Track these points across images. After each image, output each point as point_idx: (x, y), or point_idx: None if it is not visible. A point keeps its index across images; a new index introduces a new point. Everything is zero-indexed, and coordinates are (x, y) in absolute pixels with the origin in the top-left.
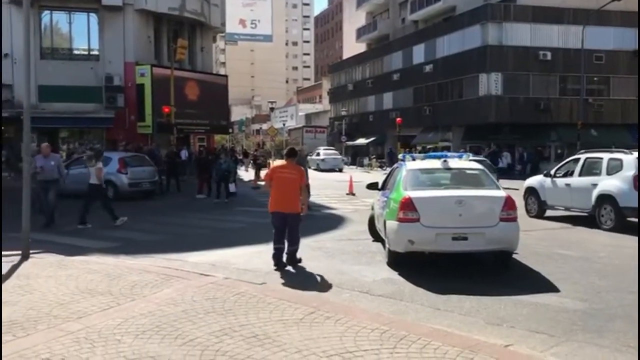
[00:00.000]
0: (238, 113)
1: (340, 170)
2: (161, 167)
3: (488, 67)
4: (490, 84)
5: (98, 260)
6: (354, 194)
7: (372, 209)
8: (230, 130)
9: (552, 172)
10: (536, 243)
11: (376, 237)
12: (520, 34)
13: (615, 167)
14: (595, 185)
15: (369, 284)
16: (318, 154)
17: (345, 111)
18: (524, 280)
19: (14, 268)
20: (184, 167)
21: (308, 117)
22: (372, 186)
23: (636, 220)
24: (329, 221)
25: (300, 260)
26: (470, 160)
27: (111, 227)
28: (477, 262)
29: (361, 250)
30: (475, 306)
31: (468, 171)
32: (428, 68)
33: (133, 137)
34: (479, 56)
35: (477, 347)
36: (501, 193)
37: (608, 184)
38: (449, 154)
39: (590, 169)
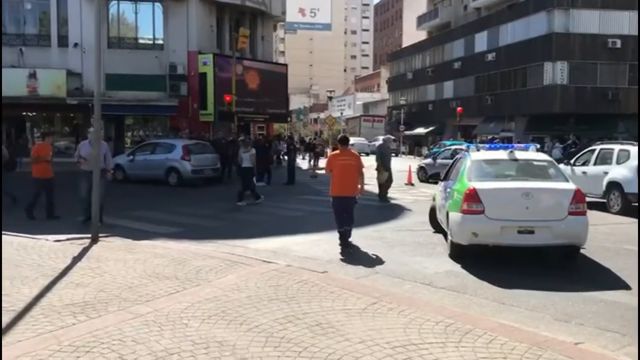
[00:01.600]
0: (296, 102)
1: (367, 154)
2: (226, 154)
3: (554, 55)
4: (556, 72)
5: (164, 245)
6: (412, 184)
7: (434, 199)
8: (289, 119)
9: (572, 161)
10: (604, 238)
11: (437, 228)
12: (588, 21)
13: (623, 157)
14: (606, 173)
15: (431, 276)
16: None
17: (404, 100)
18: (593, 276)
19: (85, 251)
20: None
21: (366, 106)
22: (434, 176)
23: None
24: (388, 211)
25: (352, 247)
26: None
27: (175, 213)
28: (543, 256)
29: (422, 241)
30: (542, 302)
31: (535, 162)
32: (490, 56)
33: (195, 125)
34: (544, 44)
35: (546, 344)
36: (570, 185)
37: (616, 172)
38: (515, 145)
39: (604, 158)
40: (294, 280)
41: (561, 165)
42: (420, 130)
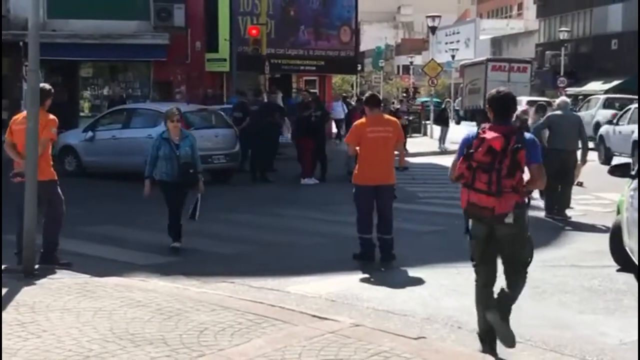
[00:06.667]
0: (373, 38)
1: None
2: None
3: None
4: None
5: (144, 286)
6: (581, 184)
7: (619, 211)
8: (359, 67)
9: (615, 119)
10: None
11: (625, 262)
12: None
13: None
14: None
15: (614, 350)
16: None
17: (567, 32)
18: None
19: (12, 293)
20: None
21: (496, 42)
22: (621, 170)
23: None
24: (535, 232)
25: (394, 257)
26: None
27: (163, 230)
28: None
29: (596, 286)
30: None
31: None
32: None
33: (198, 77)
34: None
35: None
36: None
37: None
38: None
39: (634, 117)
40: (366, 351)
41: (605, 126)
42: (595, 86)
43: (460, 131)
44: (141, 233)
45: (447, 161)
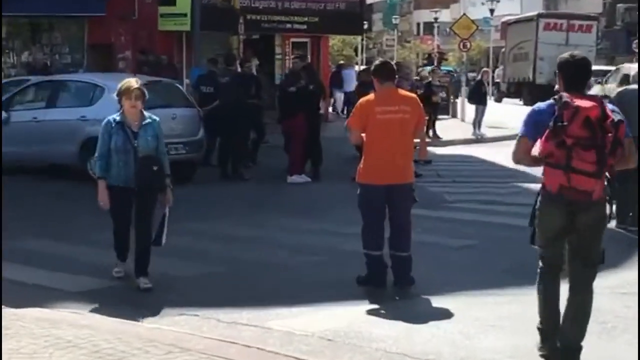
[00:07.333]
0: None
1: None
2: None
3: None
4: None
5: (77, 320)
6: None
7: None
8: (366, 26)
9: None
10: None
11: None
12: None
13: None
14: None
15: None
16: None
17: None
18: None
19: None
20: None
21: None
22: None
23: None
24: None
25: (412, 281)
26: None
27: (104, 244)
28: None
29: None
30: None
31: None
32: None
33: (149, 39)
34: None
35: None
36: None
37: None
38: None
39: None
40: None
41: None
42: None
43: (501, 112)
44: (73, 248)
45: (484, 152)
